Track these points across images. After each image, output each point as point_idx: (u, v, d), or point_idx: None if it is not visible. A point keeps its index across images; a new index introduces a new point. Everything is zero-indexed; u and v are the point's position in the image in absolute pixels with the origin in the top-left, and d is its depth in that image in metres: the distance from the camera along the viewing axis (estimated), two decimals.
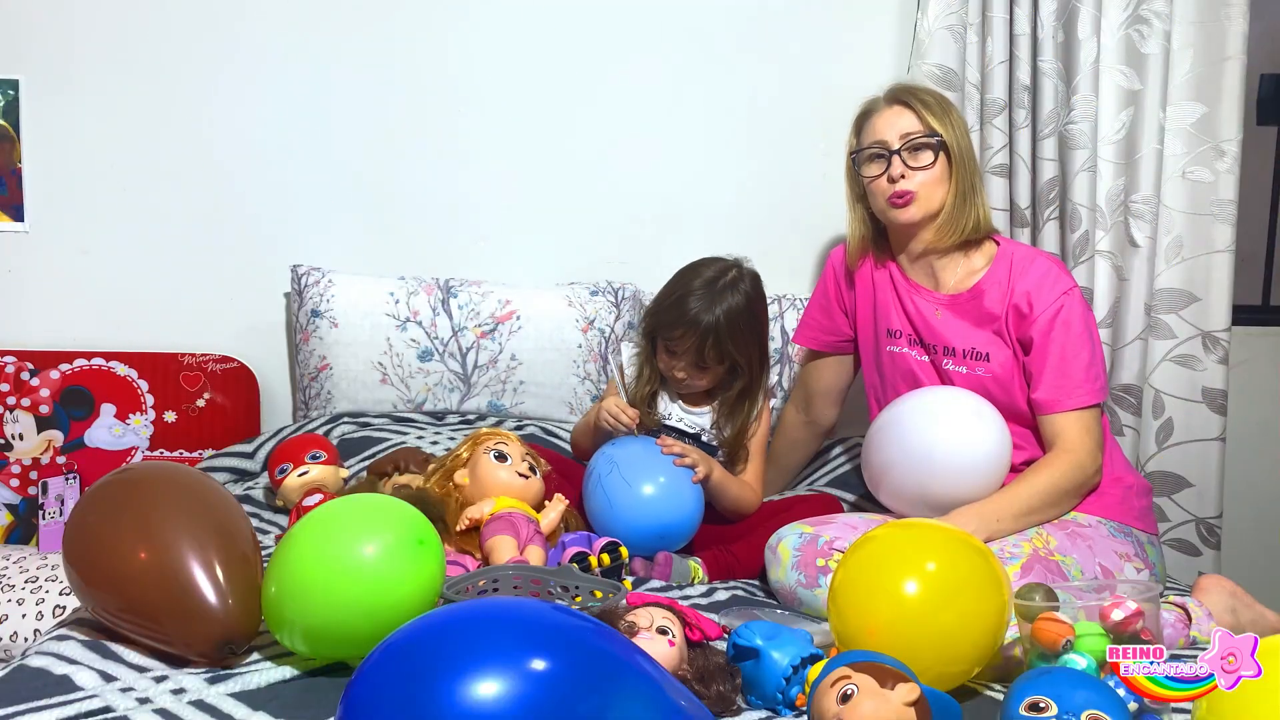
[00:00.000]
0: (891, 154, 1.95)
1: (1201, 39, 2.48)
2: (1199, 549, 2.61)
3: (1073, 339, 1.89)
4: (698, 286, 2.00)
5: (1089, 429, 1.89)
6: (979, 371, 1.95)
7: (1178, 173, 2.53)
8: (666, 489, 1.90)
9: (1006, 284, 1.94)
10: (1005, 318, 1.93)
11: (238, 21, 2.44)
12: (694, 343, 1.98)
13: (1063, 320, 1.89)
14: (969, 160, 1.96)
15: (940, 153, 1.94)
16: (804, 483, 2.37)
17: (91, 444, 2.44)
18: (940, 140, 1.93)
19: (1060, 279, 1.93)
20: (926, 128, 1.94)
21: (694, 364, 2.02)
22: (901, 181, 1.94)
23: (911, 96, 1.98)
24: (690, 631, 1.42)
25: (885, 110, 1.99)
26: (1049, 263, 1.96)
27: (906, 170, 1.94)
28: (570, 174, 2.55)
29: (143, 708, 1.29)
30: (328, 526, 1.41)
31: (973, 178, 1.97)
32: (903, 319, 2.04)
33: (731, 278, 2.02)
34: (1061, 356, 1.89)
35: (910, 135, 1.94)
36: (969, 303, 1.97)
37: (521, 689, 1.02)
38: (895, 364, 2.05)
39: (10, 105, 2.43)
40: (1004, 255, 1.98)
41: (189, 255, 2.50)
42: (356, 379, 2.39)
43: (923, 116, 1.95)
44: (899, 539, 1.48)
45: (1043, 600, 1.38)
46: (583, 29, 2.52)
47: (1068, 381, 1.89)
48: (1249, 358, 2.72)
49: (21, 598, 2.08)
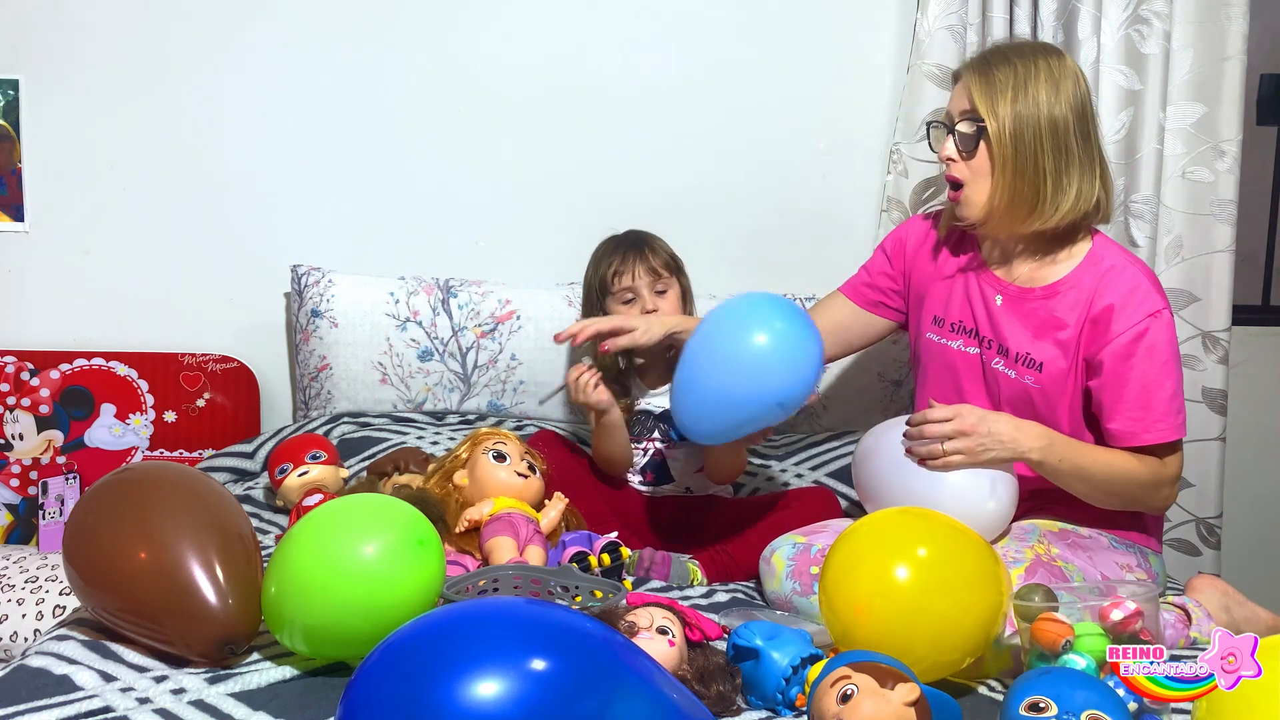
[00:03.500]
0: (949, 130, 1.79)
1: (1201, 39, 2.48)
2: (1199, 549, 2.61)
3: (1156, 366, 1.73)
4: (603, 244, 2.19)
5: (1173, 459, 1.79)
6: (1027, 380, 1.81)
7: (1178, 173, 2.52)
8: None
9: (1088, 292, 1.76)
10: (1079, 329, 1.77)
11: (238, 21, 2.44)
12: (640, 263, 2.09)
13: (1147, 345, 1.72)
14: (1036, 153, 1.72)
15: (981, 141, 1.74)
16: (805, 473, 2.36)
17: (91, 444, 2.44)
18: (981, 127, 1.73)
19: (1149, 298, 1.74)
20: (974, 110, 1.74)
21: (652, 287, 2.09)
22: (951, 166, 1.79)
23: (979, 67, 1.76)
24: (690, 631, 1.42)
25: (958, 81, 1.81)
26: (1140, 276, 1.76)
27: (957, 153, 1.77)
28: (570, 174, 2.55)
29: (143, 708, 1.29)
30: (328, 526, 1.41)
31: (1049, 169, 1.72)
32: (964, 305, 1.89)
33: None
34: (1143, 386, 1.73)
35: (965, 114, 1.76)
36: (1038, 301, 1.81)
37: (521, 689, 1.02)
38: (932, 354, 1.94)
39: (10, 105, 2.43)
40: (1093, 259, 1.79)
41: (189, 255, 2.50)
42: (356, 379, 2.39)
43: (973, 95, 1.74)
44: (891, 524, 1.49)
45: (1042, 601, 1.38)
46: (583, 29, 2.52)
47: (1149, 414, 1.74)
48: (1249, 358, 2.71)
49: (21, 598, 2.09)
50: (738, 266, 2.53)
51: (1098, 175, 1.78)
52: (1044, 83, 1.73)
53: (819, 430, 2.51)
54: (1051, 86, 1.73)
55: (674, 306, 2.12)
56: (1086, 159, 1.76)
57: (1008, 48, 1.81)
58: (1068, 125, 1.73)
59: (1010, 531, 1.79)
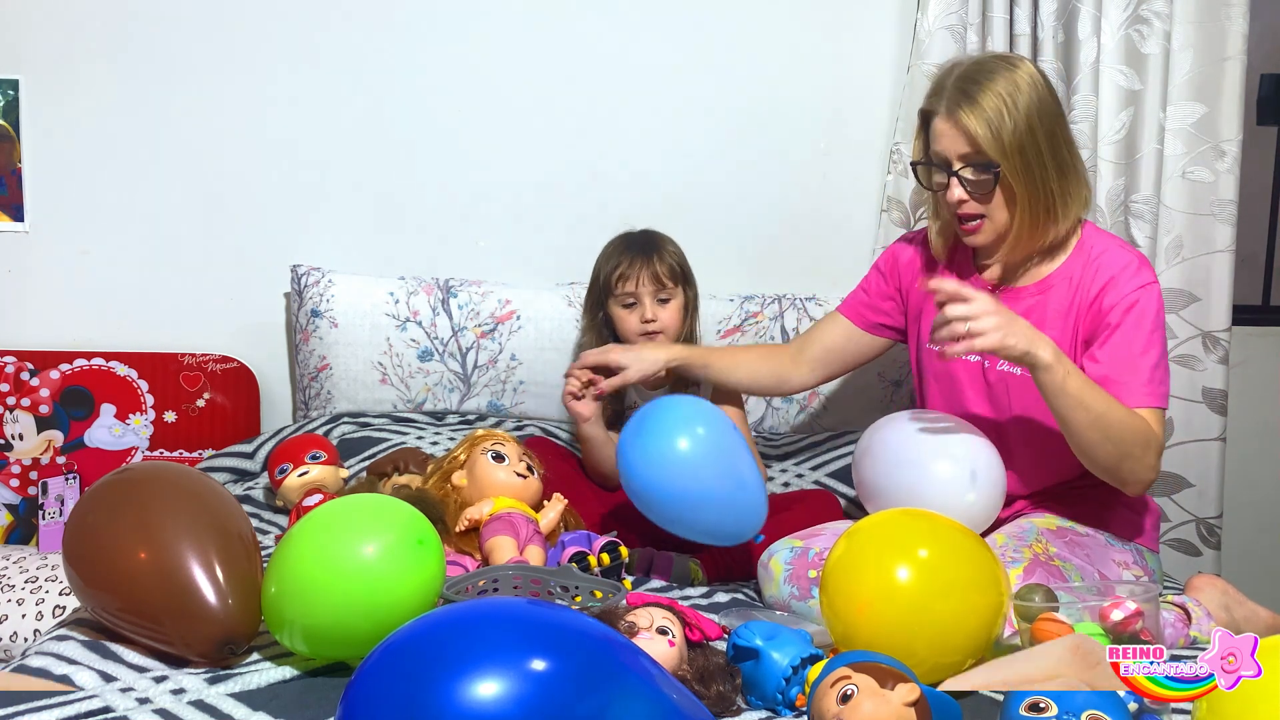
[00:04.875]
0: (951, 174, 1.75)
1: (1201, 39, 2.48)
2: (1199, 549, 2.61)
3: (1143, 334, 1.74)
4: (613, 241, 2.14)
5: (1160, 428, 1.74)
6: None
7: (1178, 173, 2.53)
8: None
9: (1080, 280, 1.79)
10: (1076, 317, 1.78)
11: (237, 22, 2.44)
12: (646, 268, 2.06)
13: (1138, 311, 1.73)
14: (1042, 173, 1.71)
15: (998, 180, 1.72)
16: (805, 473, 2.36)
17: (91, 444, 2.44)
18: (997, 171, 1.71)
19: (1141, 272, 1.76)
20: (983, 154, 1.71)
21: (655, 295, 2.07)
22: (965, 206, 1.76)
23: (969, 110, 1.71)
24: (690, 631, 1.42)
25: (943, 121, 1.75)
26: (1130, 255, 1.79)
27: (967, 194, 1.75)
28: (570, 174, 2.55)
29: (143, 708, 1.29)
30: (328, 526, 1.41)
31: (1056, 184, 1.72)
32: None
33: (638, 229, 2.16)
34: (1129, 348, 1.73)
35: (968, 157, 1.73)
36: (1033, 297, 1.82)
37: (521, 689, 1.02)
38: (933, 364, 1.95)
39: (10, 105, 2.43)
40: (1082, 248, 1.81)
41: (189, 255, 2.50)
42: (356, 379, 2.39)
43: (976, 139, 1.70)
44: (891, 525, 1.49)
45: (1042, 601, 1.38)
46: (583, 29, 2.52)
47: (1134, 378, 1.73)
48: (1249, 358, 2.72)
49: (21, 598, 2.08)
50: (738, 266, 2.54)
51: (1082, 168, 1.80)
52: (1028, 93, 1.71)
53: (819, 430, 2.51)
54: (1033, 100, 1.71)
55: (675, 318, 2.10)
56: (1074, 158, 1.78)
57: (979, 72, 1.74)
58: (1056, 135, 1.74)
59: (1007, 530, 1.80)
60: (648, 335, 2.07)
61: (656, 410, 1.78)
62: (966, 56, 1.83)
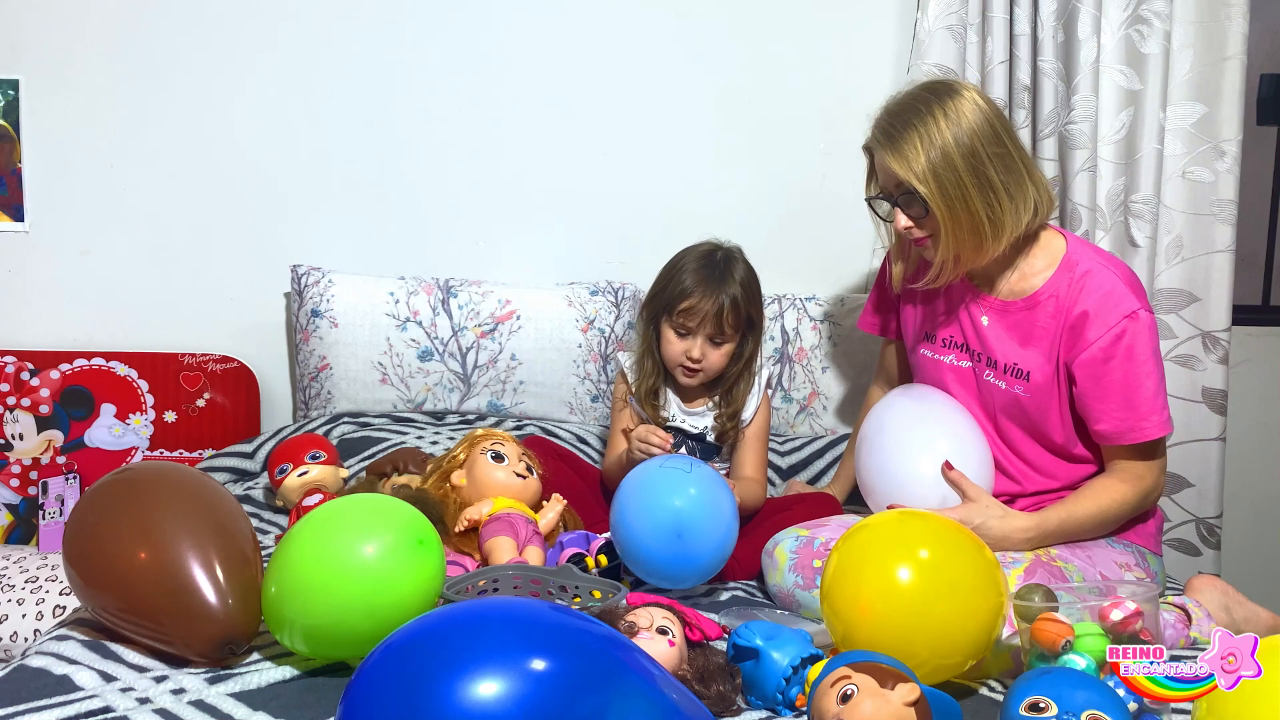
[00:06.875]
0: (893, 204, 1.82)
1: (1201, 39, 2.48)
2: (1199, 549, 2.61)
3: (1136, 367, 1.75)
4: (697, 258, 2.00)
5: (1158, 459, 1.81)
6: (1017, 390, 1.85)
7: (1178, 173, 2.53)
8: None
9: (1065, 300, 1.79)
10: (1059, 337, 1.80)
11: (238, 22, 2.44)
12: (712, 309, 1.94)
13: (1125, 346, 1.75)
14: (962, 196, 1.74)
15: (924, 205, 1.76)
16: (808, 477, 2.37)
17: (91, 444, 2.44)
18: (920, 196, 1.75)
19: (1124, 300, 1.75)
20: (906, 181, 1.76)
21: (710, 337, 1.98)
22: (909, 231, 1.81)
23: (887, 143, 1.78)
24: (690, 631, 1.42)
25: (876, 157, 1.83)
26: (1114, 280, 1.78)
27: (908, 219, 1.80)
28: (570, 174, 2.55)
29: (143, 708, 1.29)
30: (328, 526, 1.41)
31: (980, 206, 1.75)
32: (952, 322, 1.94)
33: (726, 249, 2.04)
34: (1125, 386, 1.76)
35: (900, 187, 1.79)
36: (1022, 312, 1.84)
37: (521, 689, 1.02)
38: (924, 368, 1.99)
39: (10, 105, 2.43)
40: (1068, 265, 1.82)
41: (189, 255, 2.50)
42: (356, 379, 2.39)
43: (893, 169, 1.77)
44: (892, 525, 1.50)
45: (1042, 601, 1.38)
46: (583, 29, 2.52)
47: (1134, 414, 1.76)
48: (1249, 358, 2.72)
49: (21, 598, 2.08)
50: None
51: (1027, 181, 1.79)
52: (945, 127, 1.74)
53: (819, 430, 2.51)
54: (953, 125, 1.74)
55: (722, 362, 2.01)
56: (1011, 175, 1.77)
57: (899, 106, 1.80)
58: (979, 155, 1.75)
59: None
60: (687, 370, 2.02)
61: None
62: (903, 88, 1.88)
